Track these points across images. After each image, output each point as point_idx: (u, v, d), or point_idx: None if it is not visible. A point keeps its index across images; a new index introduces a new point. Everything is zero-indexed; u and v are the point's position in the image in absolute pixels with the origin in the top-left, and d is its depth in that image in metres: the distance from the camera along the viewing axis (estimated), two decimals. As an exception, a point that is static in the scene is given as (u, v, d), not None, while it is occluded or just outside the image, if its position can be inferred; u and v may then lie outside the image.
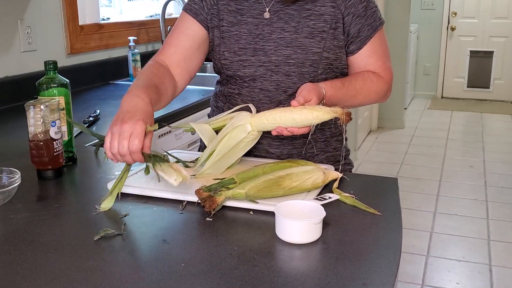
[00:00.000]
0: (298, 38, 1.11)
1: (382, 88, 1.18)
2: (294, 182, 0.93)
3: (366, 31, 1.14)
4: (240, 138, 1.03)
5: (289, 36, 1.11)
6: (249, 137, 1.04)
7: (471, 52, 5.70)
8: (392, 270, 0.71)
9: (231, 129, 1.04)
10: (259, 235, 0.81)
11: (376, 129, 4.72)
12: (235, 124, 1.04)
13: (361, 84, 1.14)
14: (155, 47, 2.64)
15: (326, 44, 1.12)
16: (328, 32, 1.12)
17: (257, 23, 1.14)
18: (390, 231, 0.83)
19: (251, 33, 1.14)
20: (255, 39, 1.13)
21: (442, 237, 2.71)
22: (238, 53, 1.14)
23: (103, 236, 0.80)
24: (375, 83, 1.16)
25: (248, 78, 1.15)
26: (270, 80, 1.14)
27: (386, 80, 1.18)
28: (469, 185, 3.41)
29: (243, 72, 1.15)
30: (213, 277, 0.69)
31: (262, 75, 1.14)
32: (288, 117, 0.98)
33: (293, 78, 1.13)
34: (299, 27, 1.11)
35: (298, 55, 1.11)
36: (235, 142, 1.03)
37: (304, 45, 1.11)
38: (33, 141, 1.03)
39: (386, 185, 1.05)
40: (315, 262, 0.75)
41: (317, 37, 1.11)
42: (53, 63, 1.11)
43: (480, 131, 4.67)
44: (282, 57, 1.12)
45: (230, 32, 1.15)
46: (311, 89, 1.03)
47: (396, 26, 4.48)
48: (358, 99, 1.15)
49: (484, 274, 2.35)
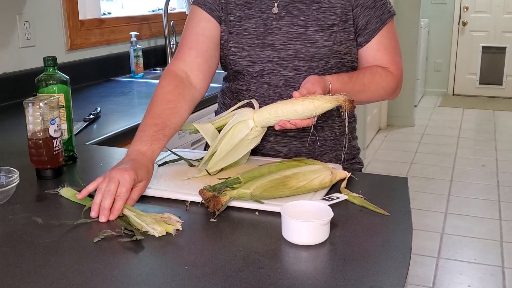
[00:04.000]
0: (308, 32, 1.10)
1: (391, 83, 1.15)
2: (301, 181, 0.92)
3: (374, 23, 1.12)
4: (243, 134, 1.01)
5: (299, 30, 1.10)
6: (253, 134, 1.02)
7: (483, 48, 5.65)
8: (402, 273, 0.70)
9: (233, 126, 1.02)
10: (265, 237, 0.80)
11: (385, 127, 4.70)
12: (237, 120, 1.02)
13: (369, 78, 1.12)
14: (158, 43, 2.63)
15: (337, 37, 1.10)
16: (338, 25, 1.10)
17: (266, 17, 1.12)
18: (400, 232, 0.82)
19: (260, 28, 1.12)
20: (264, 34, 1.12)
21: (453, 238, 2.69)
22: (246, 48, 1.13)
23: (103, 238, 0.79)
24: (384, 78, 1.13)
25: (257, 73, 1.14)
26: (279, 75, 1.12)
27: (396, 76, 1.16)
28: (481, 184, 3.39)
29: (251, 68, 1.14)
30: (217, 280, 0.68)
31: (271, 70, 1.13)
32: (290, 109, 0.96)
33: (302, 73, 1.11)
34: (309, 20, 1.10)
35: (308, 49, 1.10)
36: (238, 140, 1.01)
37: (314, 38, 1.10)
38: (32, 140, 1.03)
39: (396, 185, 1.04)
40: (323, 264, 0.75)
41: (327, 30, 1.10)
42: (52, 59, 1.10)
43: (492, 129, 4.64)
44: (292, 51, 1.10)
45: (238, 26, 1.14)
46: (315, 82, 1.00)
47: (406, 21, 4.45)
48: (366, 94, 1.13)
49: (496, 277, 2.33)
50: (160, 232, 0.80)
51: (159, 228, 0.80)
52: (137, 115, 1.65)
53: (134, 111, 1.74)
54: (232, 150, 1.02)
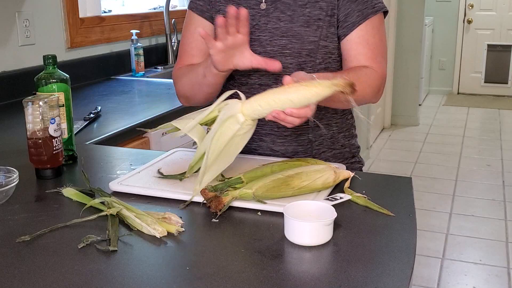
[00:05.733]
0: (294, 28, 1.10)
1: (376, 81, 1.11)
2: (304, 181, 0.91)
3: (354, 17, 1.10)
4: (233, 131, 0.91)
5: (284, 26, 1.10)
6: (244, 128, 0.91)
7: (489, 46, 5.63)
8: (406, 274, 0.70)
9: (221, 123, 0.91)
10: (267, 237, 0.79)
11: (389, 126, 4.69)
12: (225, 115, 0.91)
13: (355, 76, 1.07)
14: (159, 41, 2.62)
15: (323, 32, 1.10)
16: (324, 20, 1.10)
17: (254, 14, 1.12)
18: (404, 233, 0.82)
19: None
20: (251, 30, 1.12)
21: (458, 239, 2.68)
22: None
23: (88, 244, 0.77)
24: (369, 76, 1.10)
25: (245, 71, 1.12)
26: (267, 74, 1.12)
27: (380, 74, 1.11)
28: (487, 184, 3.37)
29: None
30: (219, 281, 0.67)
31: (259, 68, 1.11)
32: (283, 99, 0.87)
33: (291, 70, 1.10)
34: (295, 16, 1.10)
35: (294, 45, 1.09)
36: (228, 138, 0.91)
37: (299, 34, 1.09)
38: (31, 139, 1.02)
39: (400, 184, 1.03)
40: (326, 265, 0.74)
41: (313, 26, 1.09)
42: (52, 57, 1.10)
43: (498, 129, 4.62)
44: (277, 47, 1.10)
45: None
46: (304, 74, 0.96)
47: (410, 19, 4.44)
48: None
49: (502, 278, 2.32)
50: (161, 233, 0.79)
51: (160, 229, 0.79)
52: (138, 114, 1.65)
53: (135, 110, 1.74)
54: (224, 151, 0.92)
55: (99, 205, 0.87)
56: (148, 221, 0.81)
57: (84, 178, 0.98)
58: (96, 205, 0.88)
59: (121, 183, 0.97)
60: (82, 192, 0.93)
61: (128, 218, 0.83)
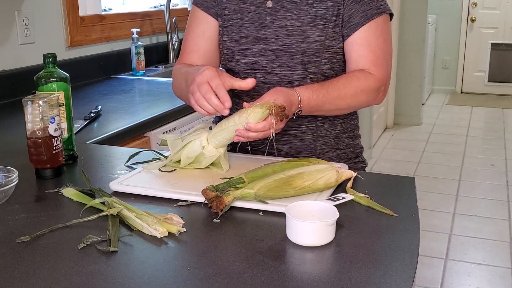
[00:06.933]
0: (300, 27, 1.09)
1: (371, 85, 1.09)
2: (306, 181, 0.91)
3: (358, 18, 1.09)
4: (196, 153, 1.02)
5: (291, 25, 1.10)
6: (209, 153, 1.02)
7: (492, 45, 5.61)
8: (409, 274, 0.70)
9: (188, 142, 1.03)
10: (269, 237, 0.79)
11: (392, 125, 4.69)
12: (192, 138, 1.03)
13: (345, 83, 1.08)
14: (160, 40, 2.62)
15: (329, 32, 1.09)
16: (330, 20, 1.09)
17: (260, 11, 1.12)
18: (407, 233, 0.82)
19: (253, 22, 1.13)
20: (257, 28, 1.12)
21: (462, 239, 2.67)
22: (239, 42, 1.14)
23: (89, 244, 0.77)
24: (362, 80, 1.08)
25: (249, 68, 1.13)
26: (273, 73, 1.12)
27: (378, 78, 1.10)
28: (490, 184, 3.37)
29: (243, 62, 1.14)
30: (220, 282, 0.67)
31: (264, 66, 1.13)
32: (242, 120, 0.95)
33: (296, 69, 1.11)
34: (301, 15, 1.10)
35: (300, 44, 1.09)
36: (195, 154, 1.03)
37: (305, 33, 1.09)
38: (31, 139, 1.02)
39: (403, 184, 1.03)
40: (328, 266, 0.74)
41: (319, 25, 1.09)
42: (52, 56, 1.10)
43: (501, 128, 4.61)
44: (283, 46, 1.10)
45: (232, 20, 1.15)
46: (276, 92, 0.98)
47: (413, 17, 4.43)
48: (344, 100, 1.08)
49: (505, 278, 2.31)
50: (162, 233, 0.79)
51: (161, 229, 0.79)
52: (138, 113, 1.65)
53: (135, 109, 1.74)
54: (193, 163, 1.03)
55: (99, 205, 0.87)
56: (148, 221, 0.80)
57: (84, 178, 0.98)
58: (96, 205, 0.87)
59: (121, 183, 0.97)
60: (82, 192, 0.93)
61: (129, 218, 0.82)
